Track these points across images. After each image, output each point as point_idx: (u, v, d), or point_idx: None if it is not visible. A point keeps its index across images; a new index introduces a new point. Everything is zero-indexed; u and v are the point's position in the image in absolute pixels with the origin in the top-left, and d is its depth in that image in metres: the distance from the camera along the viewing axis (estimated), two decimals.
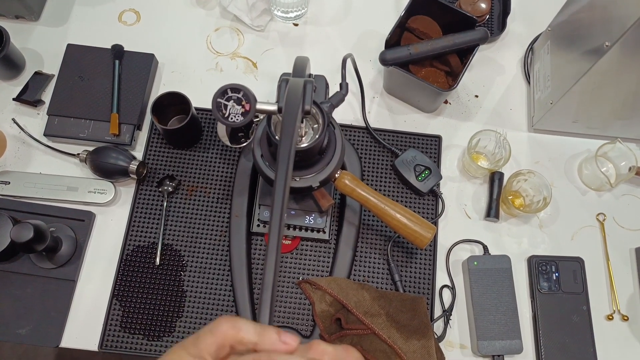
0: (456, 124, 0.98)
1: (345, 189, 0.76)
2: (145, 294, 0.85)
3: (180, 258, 0.87)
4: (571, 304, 0.85)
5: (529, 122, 0.97)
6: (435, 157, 0.94)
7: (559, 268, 0.86)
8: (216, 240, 0.88)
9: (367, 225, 0.89)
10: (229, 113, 0.64)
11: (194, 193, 0.91)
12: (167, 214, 0.89)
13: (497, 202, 0.90)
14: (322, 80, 0.80)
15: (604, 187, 0.92)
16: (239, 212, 0.88)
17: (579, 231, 0.91)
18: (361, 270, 0.87)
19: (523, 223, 0.91)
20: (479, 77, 1.01)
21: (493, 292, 0.84)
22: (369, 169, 0.93)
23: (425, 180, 0.90)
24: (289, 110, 0.57)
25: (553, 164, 0.95)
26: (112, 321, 0.83)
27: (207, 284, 0.86)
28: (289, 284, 0.86)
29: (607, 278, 0.88)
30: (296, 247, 0.88)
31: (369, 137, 0.95)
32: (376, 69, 1.01)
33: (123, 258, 0.87)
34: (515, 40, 1.04)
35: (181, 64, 1.00)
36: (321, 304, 0.83)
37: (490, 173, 0.91)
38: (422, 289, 0.86)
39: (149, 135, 0.94)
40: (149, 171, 0.92)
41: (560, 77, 0.86)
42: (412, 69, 0.93)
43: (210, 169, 0.93)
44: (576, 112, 0.88)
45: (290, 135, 0.54)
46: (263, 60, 1.02)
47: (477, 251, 0.89)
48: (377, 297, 0.83)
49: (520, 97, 1.00)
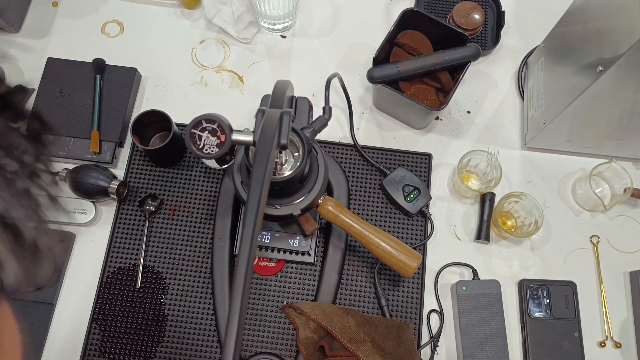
0: (447, 141, 0.95)
1: (329, 215, 0.74)
2: (125, 317, 0.83)
3: (162, 281, 0.85)
4: (562, 331, 0.82)
5: (522, 140, 0.95)
6: (425, 175, 0.92)
7: (551, 292, 0.84)
8: (198, 262, 0.86)
9: (354, 248, 0.87)
10: (204, 144, 0.62)
11: (177, 213, 0.89)
12: (148, 234, 0.87)
13: (488, 224, 0.87)
14: (306, 102, 0.78)
15: (598, 208, 0.89)
16: (221, 234, 0.85)
17: (571, 254, 0.88)
18: (347, 294, 0.85)
19: (514, 245, 0.88)
20: (471, 92, 0.98)
21: (482, 318, 0.82)
22: (356, 188, 0.91)
23: (414, 201, 0.88)
24: (262, 146, 0.55)
25: (546, 183, 0.92)
26: (92, 346, 0.82)
27: (189, 308, 0.84)
28: (272, 308, 0.84)
29: (600, 303, 0.86)
30: (280, 269, 0.86)
31: (357, 155, 0.93)
32: (365, 84, 0.98)
33: (103, 280, 0.85)
34: (509, 54, 1.01)
35: (165, 78, 0.98)
36: (305, 330, 0.81)
37: (481, 194, 0.89)
38: (410, 313, 0.84)
39: (131, 152, 0.91)
40: (131, 190, 0.89)
41: (553, 97, 0.83)
42: (401, 85, 0.90)
43: (193, 188, 0.90)
44: (570, 132, 0.85)
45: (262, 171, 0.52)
46: (249, 73, 0.99)
47: (467, 274, 0.87)
48: (362, 323, 0.81)
49: (514, 112, 0.97)
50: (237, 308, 0.43)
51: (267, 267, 0.86)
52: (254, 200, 0.51)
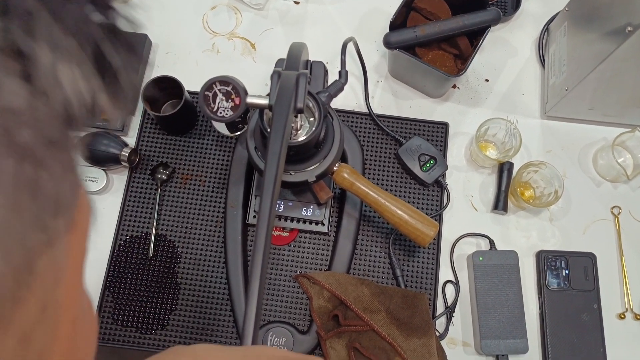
0: (464, 110, 0.92)
1: (344, 182, 0.72)
2: (138, 286, 0.82)
3: (174, 249, 0.84)
4: (581, 302, 0.81)
5: (542, 109, 0.92)
6: (442, 145, 0.90)
7: (569, 264, 0.82)
8: (211, 231, 0.85)
9: (368, 218, 0.85)
10: (218, 107, 0.60)
11: (189, 181, 0.88)
12: (160, 203, 0.86)
13: (506, 194, 0.85)
14: (321, 66, 0.75)
15: (620, 178, 0.86)
16: (234, 203, 0.84)
17: (591, 225, 0.86)
18: (361, 264, 0.84)
19: (532, 216, 0.86)
20: (490, 59, 0.95)
21: (498, 289, 0.80)
22: (371, 157, 0.89)
23: (430, 171, 0.86)
24: (279, 109, 0.53)
25: (566, 153, 0.90)
26: (104, 314, 0.81)
27: (202, 276, 0.83)
28: (286, 278, 0.83)
29: (620, 275, 0.84)
30: (294, 239, 0.85)
31: (372, 124, 0.91)
32: (381, 51, 0.95)
33: (115, 249, 0.84)
34: (530, 20, 0.97)
35: (176, 45, 0.96)
36: (319, 300, 0.80)
37: (499, 163, 0.87)
38: (425, 284, 0.83)
39: (142, 120, 0.90)
40: (142, 158, 0.88)
41: (577, 62, 0.80)
42: (418, 51, 0.88)
43: (205, 156, 0.89)
44: (593, 99, 0.82)
45: (280, 137, 0.51)
46: (262, 40, 0.96)
47: (483, 245, 0.85)
48: (377, 292, 0.80)
49: (534, 81, 0.94)
50: (257, 279, 0.42)
51: (281, 236, 0.85)
52: (273, 165, 0.49)
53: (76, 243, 0.20)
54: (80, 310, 0.22)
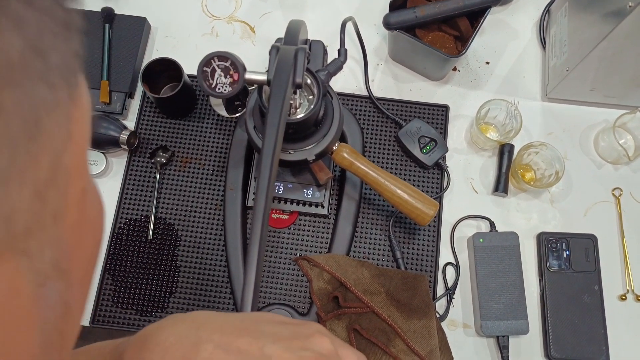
0: (465, 93, 0.92)
1: (344, 162, 0.72)
2: (138, 269, 0.82)
3: (174, 232, 0.84)
4: (582, 283, 0.81)
5: (543, 91, 0.91)
6: (442, 128, 0.89)
7: (570, 245, 0.82)
8: (211, 214, 0.85)
9: (368, 200, 0.85)
10: (216, 83, 0.60)
11: (188, 165, 0.87)
12: (160, 186, 0.86)
13: (506, 176, 0.85)
14: (320, 46, 0.75)
15: (621, 160, 0.86)
16: (233, 185, 0.84)
17: (592, 207, 0.86)
18: (361, 246, 0.84)
19: (533, 198, 0.86)
20: (490, 42, 0.95)
21: (499, 270, 0.80)
22: (371, 140, 0.89)
23: (430, 153, 0.85)
24: (277, 83, 0.52)
25: (567, 135, 0.89)
26: (104, 296, 0.81)
27: (201, 259, 0.83)
28: (286, 261, 0.83)
29: (622, 256, 0.83)
30: (294, 222, 0.84)
31: (371, 106, 0.90)
32: (381, 34, 0.95)
33: (115, 232, 0.84)
34: (531, 2, 0.97)
35: (175, 28, 0.95)
36: (319, 282, 0.80)
37: (500, 145, 0.86)
38: (425, 266, 0.83)
39: (141, 104, 0.90)
40: (141, 142, 0.88)
41: (578, 42, 0.80)
42: (418, 33, 0.87)
43: (205, 139, 0.88)
44: (594, 79, 0.82)
45: (278, 111, 0.50)
46: (261, 24, 0.96)
47: (484, 227, 0.85)
48: (377, 274, 0.79)
49: (535, 63, 0.94)
50: (255, 254, 0.42)
51: (280, 219, 0.84)
52: (271, 141, 0.48)
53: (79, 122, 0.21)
54: (88, 184, 0.23)
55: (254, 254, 0.41)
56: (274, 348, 0.33)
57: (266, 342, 0.34)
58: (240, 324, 0.35)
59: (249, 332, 0.35)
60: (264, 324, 0.36)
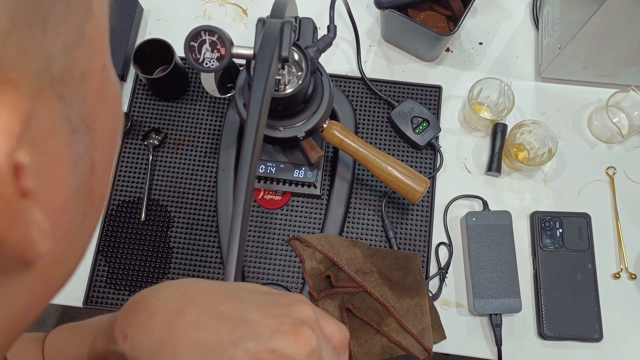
0: (458, 74, 0.92)
1: (334, 139, 0.72)
2: (131, 250, 0.83)
3: (167, 214, 0.84)
4: (575, 262, 0.80)
5: (536, 70, 0.91)
6: (435, 108, 0.89)
7: (564, 224, 0.82)
8: (203, 196, 0.85)
9: (361, 181, 0.85)
10: (204, 58, 0.60)
11: (181, 147, 0.87)
12: (152, 168, 0.86)
13: (499, 156, 0.85)
14: (310, 23, 0.75)
15: (614, 138, 0.86)
16: (226, 167, 0.84)
17: (586, 186, 0.86)
18: (354, 227, 0.84)
19: (526, 178, 0.86)
20: (483, 22, 0.94)
21: (492, 249, 0.80)
22: (364, 121, 0.88)
23: (423, 133, 0.85)
24: (262, 57, 0.52)
25: (560, 115, 0.89)
26: (97, 277, 0.81)
27: (194, 240, 0.83)
28: (278, 242, 0.83)
29: (615, 235, 0.83)
30: (286, 203, 0.84)
31: (364, 87, 0.90)
32: (373, 15, 0.95)
33: (108, 213, 0.84)
34: None
35: (167, 11, 0.95)
36: (311, 262, 0.80)
37: (493, 125, 0.86)
38: (418, 246, 0.83)
39: (134, 86, 0.90)
40: (134, 124, 0.88)
41: (569, 19, 0.79)
42: (410, 13, 0.87)
43: (197, 121, 0.88)
44: (586, 57, 0.81)
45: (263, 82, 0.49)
46: (254, 6, 0.96)
47: (477, 207, 0.85)
48: (369, 254, 0.79)
49: (528, 44, 0.93)
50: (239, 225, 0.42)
51: (273, 200, 0.84)
52: (255, 110, 0.47)
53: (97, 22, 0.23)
54: (108, 62, 0.25)
55: (237, 225, 0.41)
56: (255, 314, 0.34)
57: (248, 308, 0.35)
58: (225, 292, 0.36)
59: (233, 300, 0.35)
60: (247, 292, 0.37)
